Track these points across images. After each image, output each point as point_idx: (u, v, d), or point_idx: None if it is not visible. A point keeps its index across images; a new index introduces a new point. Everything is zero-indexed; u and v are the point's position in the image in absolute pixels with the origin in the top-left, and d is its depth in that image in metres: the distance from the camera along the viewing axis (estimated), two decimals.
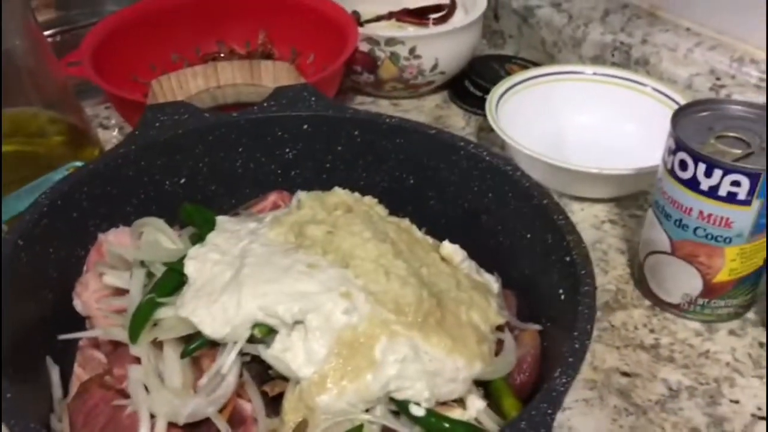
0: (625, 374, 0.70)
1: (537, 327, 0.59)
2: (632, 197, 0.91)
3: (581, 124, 1.01)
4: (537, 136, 0.94)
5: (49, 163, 0.88)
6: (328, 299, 0.51)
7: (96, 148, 0.91)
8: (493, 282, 0.63)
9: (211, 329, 0.51)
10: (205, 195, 0.70)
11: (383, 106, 1.09)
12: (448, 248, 0.61)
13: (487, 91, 1.08)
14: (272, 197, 0.71)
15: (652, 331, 0.74)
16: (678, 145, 0.67)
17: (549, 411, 0.44)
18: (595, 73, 1.02)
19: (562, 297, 0.56)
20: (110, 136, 1.01)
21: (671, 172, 0.68)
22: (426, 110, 1.09)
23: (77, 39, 0.99)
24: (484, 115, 1.07)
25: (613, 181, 0.87)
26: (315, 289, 0.52)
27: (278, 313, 0.50)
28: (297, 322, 0.51)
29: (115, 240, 0.62)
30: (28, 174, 0.87)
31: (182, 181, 0.69)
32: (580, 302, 0.52)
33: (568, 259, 0.56)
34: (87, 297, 0.58)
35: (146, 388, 0.50)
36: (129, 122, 0.97)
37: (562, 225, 0.58)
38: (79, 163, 0.81)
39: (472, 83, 1.11)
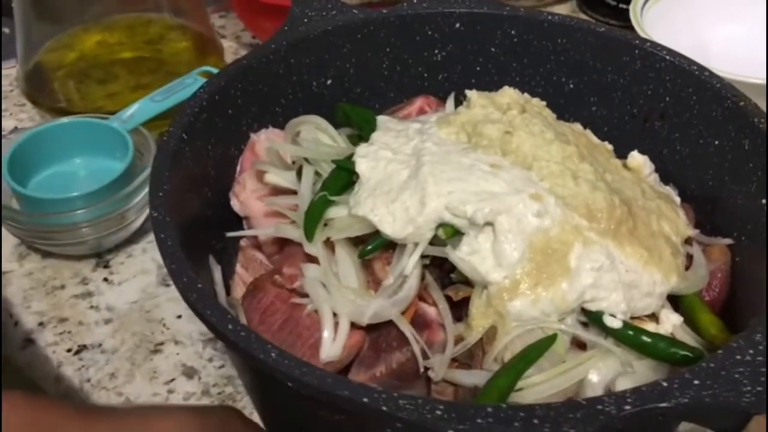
0: None
1: (728, 241, 0.54)
2: None
3: (735, 35, 0.92)
4: (685, 46, 0.86)
5: (173, 69, 0.86)
6: (518, 200, 0.47)
7: (220, 57, 0.89)
8: (674, 194, 0.57)
9: (391, 229, 0.47)
10: (350, 98, 0.66)
11: None
12: (638, 159, 0.56)
13: (621, 0, 1.00)
14: (419, 102, 0.66)
15: None
16: None
17: None
18: None
19: (767, 207, 0.51)
20: (227, 45, 0.98)
21: None
22: None
23: None
24: (618, 26, 1.00)
25: None
26: (502, 189, 0.48)
27: (467, 213, 0.46)
28: (486, 224, 0.47)
29: (267, 140, 0.59)
30: (152, 80, 0.85)
31: (329, 82, 0.65)
32: None
33: None
34: (245, 197, 0.56)
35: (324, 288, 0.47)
36: (251, 28, 0.94)
37: (765, 128, 0.52)
38: (209, 68, 0.79)
39: None
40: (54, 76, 0.84)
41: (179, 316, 0.65)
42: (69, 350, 0.62)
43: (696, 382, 0.37)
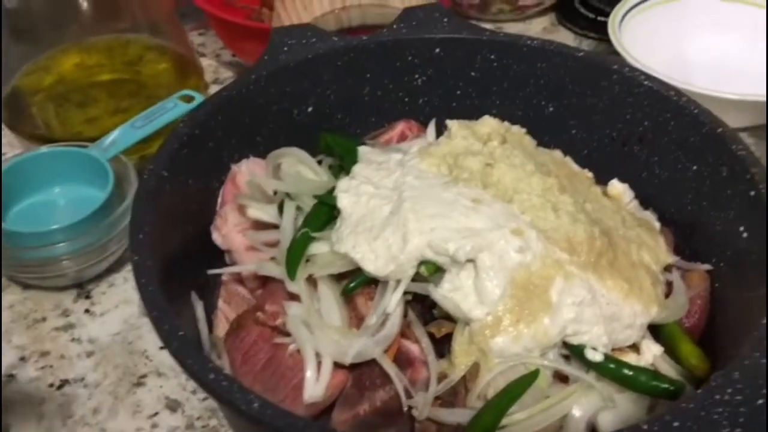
0: None
1: (707, 267, 0.55)
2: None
3: (713, 48, 0.93)
4: (662, 60, 0.87)
5: (153, 92, 0.85)
6: (500, 236, 0.47)
7: (200, 77, 0.88)
8: (653, 219, 0.58)
9: (374, 266, 0.47)
10: (331, 124, 0.66)
11: None
12: (618, 187, 0.57)
13: (600, 13, 1.00)
14: (400, 127, 0.67)
15: None
16: None
17: (763, 361, 0.40)
18: None
19: (745, 235, 0.51)
20: (206, 64, 0.98)
21: None
22: (533, 34, 1.02)
23: None
24: (597, 39, 1.01)
25: (757, 109, 0.80)
26: (484, 225, 0.48)
27: (449, 251, 0.47)
28: (468, 261, 0.47)
29: (248, 171, 0.59)
30: (132, 104, 0.84)
31: (309, 109, 0.65)
32: None
33: (752, 193, 0.51)
34: (227, 230, 0.56)
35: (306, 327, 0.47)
36: (231, 48, 0.93)
37: (743, 156, 0.53)
38: (189, 92, 0.78)
39: (583, 4, 1.03)
40: (32, 101, 0.83)
41: (162, 347, 0.64)
42: (51, 385, 0.62)
43: (676, 424, 0.37)
